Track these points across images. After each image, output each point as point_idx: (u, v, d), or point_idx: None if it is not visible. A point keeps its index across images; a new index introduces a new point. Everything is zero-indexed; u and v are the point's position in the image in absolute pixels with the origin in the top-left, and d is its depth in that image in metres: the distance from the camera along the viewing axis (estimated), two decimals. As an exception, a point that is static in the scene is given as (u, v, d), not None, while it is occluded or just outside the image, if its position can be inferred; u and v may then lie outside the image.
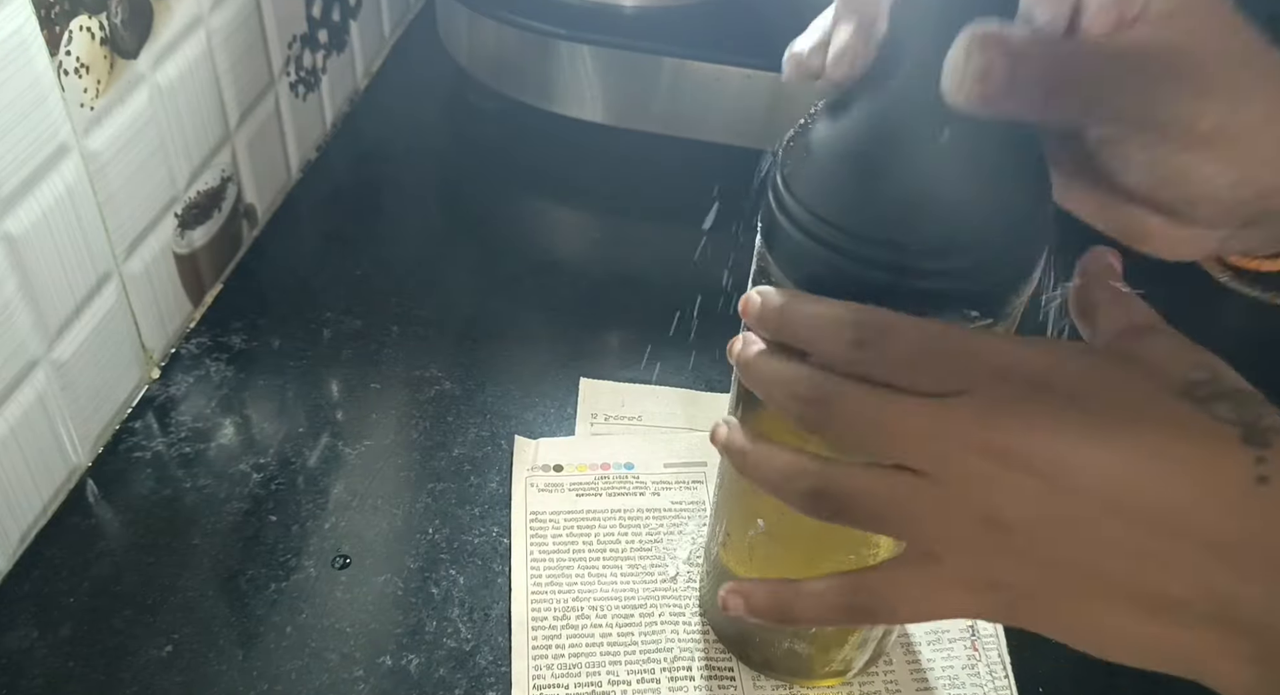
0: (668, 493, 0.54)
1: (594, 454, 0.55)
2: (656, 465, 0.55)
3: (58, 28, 0.45)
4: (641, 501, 0.53)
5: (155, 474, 0.53)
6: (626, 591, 0.49)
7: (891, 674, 0.47)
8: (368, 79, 0.79)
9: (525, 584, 0.49)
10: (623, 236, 0.70)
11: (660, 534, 0.52)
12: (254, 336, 0.60)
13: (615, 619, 0.48)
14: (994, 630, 0.49)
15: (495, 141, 0.76)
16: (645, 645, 0.47)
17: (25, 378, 0.47)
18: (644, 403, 0.58)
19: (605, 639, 0.47)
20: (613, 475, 0.54)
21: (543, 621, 0.48)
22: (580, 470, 0.54)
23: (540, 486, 0.53)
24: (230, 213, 0.62)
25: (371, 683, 0.45)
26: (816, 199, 0.32)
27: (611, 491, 0.53)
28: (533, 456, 0.54)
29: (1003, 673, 0.47)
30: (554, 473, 0.54)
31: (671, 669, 0.46)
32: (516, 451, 0.54)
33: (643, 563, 0.50)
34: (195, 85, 0.56)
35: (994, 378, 0.29)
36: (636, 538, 0.52)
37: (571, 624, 0.48)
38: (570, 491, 0.53)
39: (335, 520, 0.51)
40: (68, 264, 0.48)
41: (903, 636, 0.48)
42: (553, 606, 0.48)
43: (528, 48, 0.69)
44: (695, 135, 0.68)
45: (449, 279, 0.65)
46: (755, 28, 0.67)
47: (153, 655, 0.46)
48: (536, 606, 0.48)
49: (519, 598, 0.48)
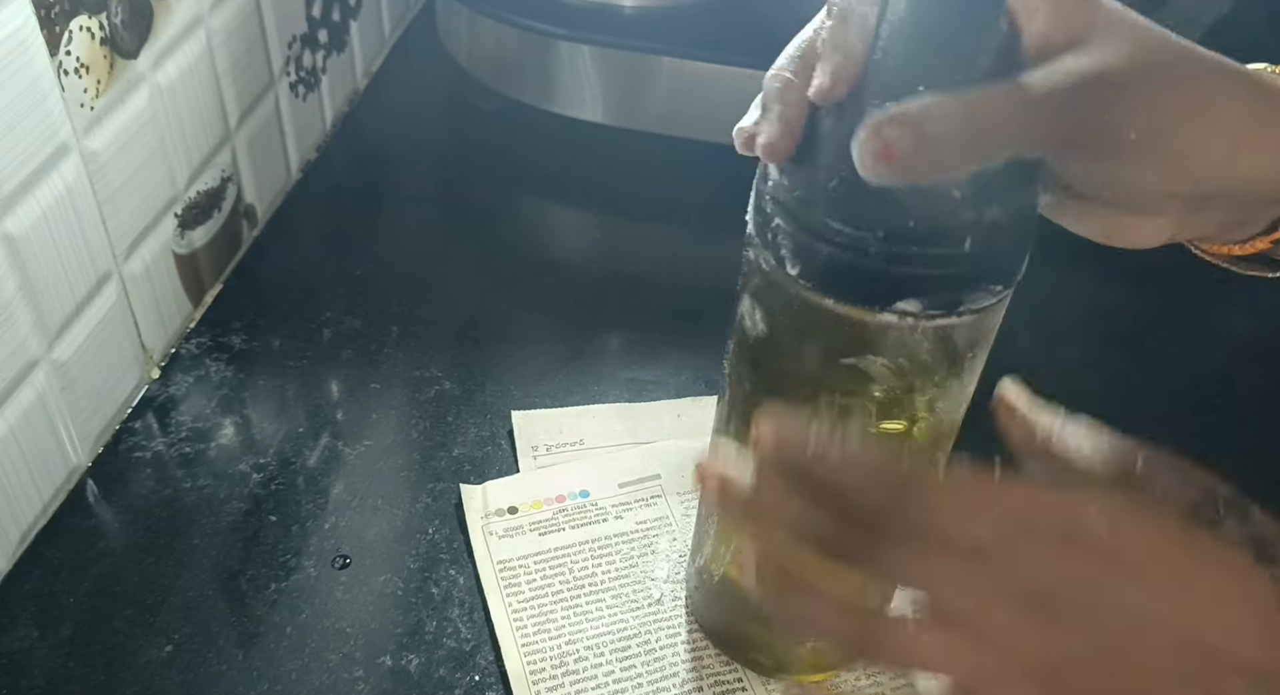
0: (630, 514, 0.52)
1: (545, 488, 0.53)
2: (611, 487, 0.53)
3: (58, 28, 0.45)
4: (606, 528, 0.51)
5: (155, 474, 0.53)
6: (618, 624, 0.48)
7: None
8: (368, 79, 0.79)
9: (513, 637, 0.47)
10: (623, 236, 0.70)
11: (634, 558, 0.50)
12: (254, 336, 0.60)
13: (614, 655, 0.47)
14: None
15: (495, 141, 0.76)
16: (651, 674, 0.46)
17: (25, 378, 0.47)
18: (581, 425, 0.56)
19: (609, 677, 0.46)
20: (570, 506, 0.52)
21: (541, 673, 0.46)
22: (536, 507, 0.52)
23: (499, 533, 0.51)
24: (230, 213, 0.62)
25: (371, 683, 0.45)
26: (841, 208, 0.32)
27: (573, 523, 0.51)
28: (483, 503, 0.52)
29: None
30: (510, 516, 0.51)
31: (682, 692, 0.46)
32: (465, 500, 0.52)
33: (624, 591, 0.49)
34: (195, 85, 0.56)
35: (1023, 530, 0.29)
36: (612, 566, 0.50)
37: (571, 669, 0.46)
38: (532, 532, 0.51)
39: (335, 520, 0.51)
40: (68, 264, 0.48)
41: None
42: (547, 656, 0.46)
43: (528, 48, 0.69)
44: (695, 135, 0.68)
45: (449, 279, 0.65)
46: (755, 28, 0.67)
47: (153, 655, 0.46)
48: (531, 658, 0.46)
49: (510, 653, 0.46)
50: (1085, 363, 0.62)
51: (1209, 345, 0.65)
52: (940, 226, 0.31)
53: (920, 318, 0.32)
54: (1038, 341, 0.63)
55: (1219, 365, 0.63)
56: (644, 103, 0.69)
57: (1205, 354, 0.64)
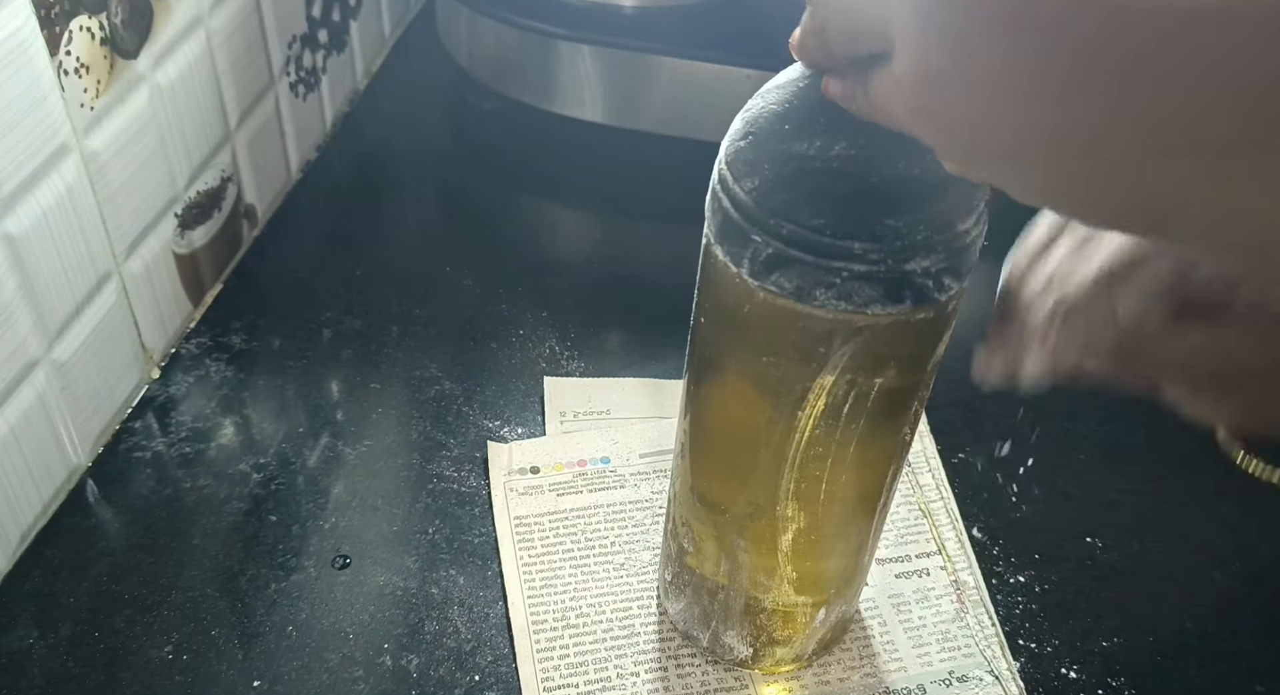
0: (646, 484, 0.54)
1: (569, 452, 0.55)
2: (632, 457, 0.55)
3: (58, 28, 0.45)
4: (622, 494, 0.53)
5: (155, 474, 0.53)
6: (622, 586, 0.49)
7: (887, 634, 0.48)
8: (368, 79, 0.79)
9: (520, 590, 0.49)
10: (623, 236, 0.70)
11: (645, 525, 0.52)
12: (254, 336, 0.60)
13: (615, 614, 0.48)
14: (976, 582, 0.50)
15: (495, 141, 0.76)
16: (647, 634, 0.47)
17: (25, 378, 0.47)
18: (610, 396, 0.58)
19: (608, 634, 0.47)
20: (590, 471, 0.54)
21: (543, 624, 0.48)
22: (558, 470, 0.54)
23: (520, 490, 0.53)
24: (230, 213, 0.62)
25: (371, 683, 0.45)
26: (802, 211, 0.32)
27: (591, 488, 0.54)
28: (508, 461, 0.54)
29: (989, 621, 0.49)
30: (532, 475, 0.54)
31: (677, 656, 0.47)
32: (491, 457, 0.54)
33: (633, 556, 0.51)
34: (195, 85, 0.56)
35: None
36: (624, 531, 0.52)
37: (572, 624, 0.48)
38: (551, 492, 0.53)
39: (335, 520, 0.51)
40: (68, 264, 0.48)
41: (893, 596, 0.49)
42: (551, 609, 0.48)
43: (528, 48, 0.69)
44: (695, 135, 0.68)
45: (449, 279, 0.65)
46: (755, 28, 0.67)
47: (153, 655, 0.46)
48: (535, 610, 0.48)
49: (516, 604, 0.48)
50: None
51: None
52: (871, 228, 0.31)
53: (849, 314, 0.32)
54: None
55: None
56: (644, 103, 0.69)
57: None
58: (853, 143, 0.31)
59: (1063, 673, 0.47)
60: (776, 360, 0.35)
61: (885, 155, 0.31)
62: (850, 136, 0.31)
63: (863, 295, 0.32)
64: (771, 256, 0.32)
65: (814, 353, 0.34)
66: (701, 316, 0.37)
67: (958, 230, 0.32)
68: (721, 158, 0.34)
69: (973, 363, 0.39)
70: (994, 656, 0.47)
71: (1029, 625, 0.49)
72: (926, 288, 0.32)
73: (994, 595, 0.50)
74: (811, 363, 0.34)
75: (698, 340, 0.38)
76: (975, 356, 0.39)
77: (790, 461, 0.37)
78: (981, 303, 0.38)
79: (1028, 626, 0.49)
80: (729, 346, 0.36)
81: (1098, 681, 0.47)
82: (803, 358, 0.34)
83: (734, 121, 0.35)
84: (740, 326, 0.35)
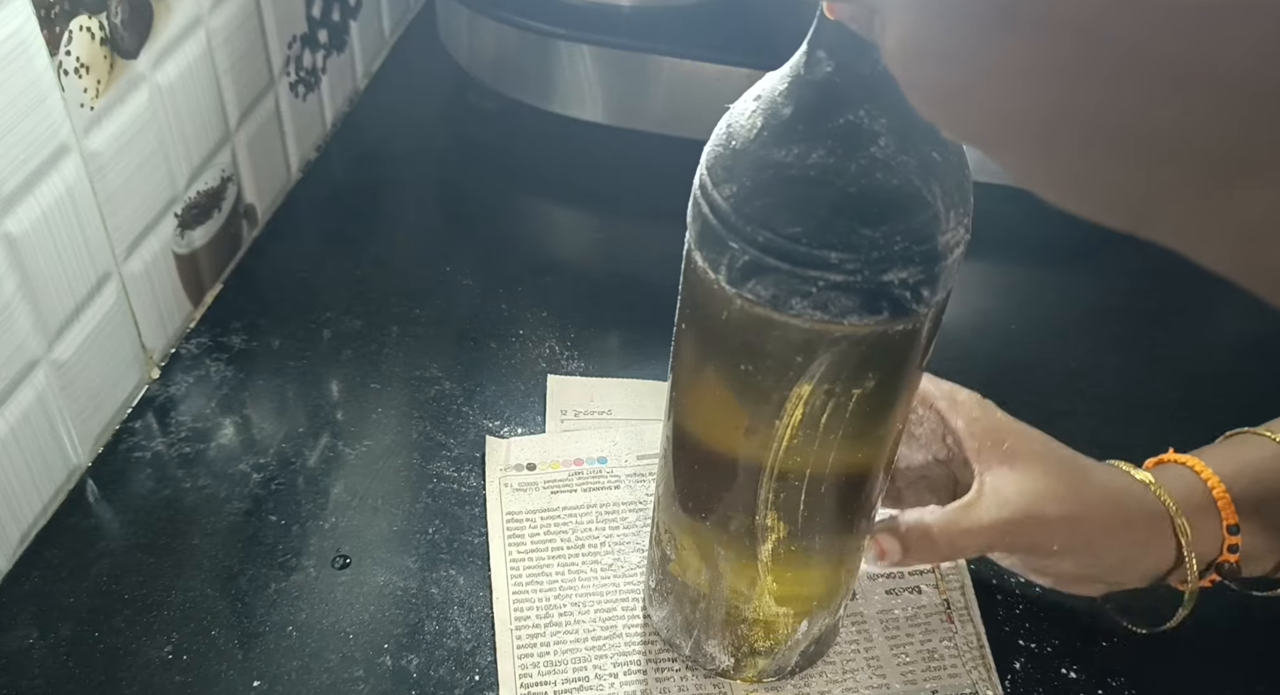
0: (640, 486, 0.54)
1: (566, 450, 0.55)
2: (629, 458, 0.55)
3: (58, 28, 0.45)
4: (616, 495, 0.53)
5: (155, 474, 0.53)
6: (608, 586, 0.49)
7: (873, 650, 0.48)
8: (368, 79, 0.79)
9: (506, 585, 0.49)
10: (623, 236, 0.70)
11: (637, 526, 0.52)
12: (254, 336, 0.60)
13: (598, 614, 0.48)
14: (967, 602, 0.50)
15: (495, 141, 0.76)
16: (629, 636, 0.47)
17: (25, 378, 0.47)
18: (613, 396, 0.58)
19: (589, 634, 0.47)
20: (586, 471, 0.54)
21: (525, 620, 0.48)
22: (553, 468, 0.54)
23: (514, 486, 0.53)
24: (230, 213, 0.62)
25: (371, 683, 0.45)
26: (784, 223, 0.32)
27: (586, 487, 0.53)
28: (505, 456, 0.54)
29: (977, 643, 0.48)
30: (527, 472, 0.54)
31: (656, 660, 0.47)
32: (489, 452, 0.54)
33: (621, 557, 0.51)
34: (195, 85, 0.56)
35: None
36: (615, 532, 0.52)
37: (554, 622, 0.48)
38: (545, 489, 0.53)
39: (335, 520, 0.51)
40: (67, 264, 0.48)
41: (883, 612, 0.49)
42: (535, 606, 0.48)
43: (528, 48, 0.69)
44: (695, 135, 0.67)
45: (449, 279, 0.65)
46: (755, 28, 0.67)
47: (153, 655, 0.46)
48: (519, 606, 0.48)
49: (500, 599, 0.48)
50: (1085, 363, 0.62)
51: (1209, 345, 0.65)
52: (850, 240, 0.31)
53: (826, 323, 0.32)
54: (1038, 341, 0.63)
55: (1219, 365, 0.63)
56: (644, 103, 0.69)
57: (1205, 354, 0.64)
58: (831, 151, 0.31)
59: (1063, 673, 0.47)
60: (754, 368, 0.34)
61: (864, 165, 0.31)
62: (829, 145, 0.31)
63: (839, 305, 0.32)
64: (748, 263, 0.32)
65: (791, 362, 0.34)
66: (683, 322, 0.37)
67: (937, 242, 0.32)
68: (702, 163, 0.34)
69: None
70: (980, 679, 0.47)
71: (1028, 626, 0.49)
72: (904, 299, 0.32)
73: (994, 595, 0.50)
74: (789, 372, 0.34)
75: (679, 346, 0.38)
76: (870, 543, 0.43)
77: (769, 470, 0.37)
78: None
79: (1027, 627, 0.49)
80: (708, 354, 0.36)
81: (1098, 681, 0.47)
82: (780, 366, 0.34)
83: (717, 126, 0.35)
84: (719, 334, 0.35)
